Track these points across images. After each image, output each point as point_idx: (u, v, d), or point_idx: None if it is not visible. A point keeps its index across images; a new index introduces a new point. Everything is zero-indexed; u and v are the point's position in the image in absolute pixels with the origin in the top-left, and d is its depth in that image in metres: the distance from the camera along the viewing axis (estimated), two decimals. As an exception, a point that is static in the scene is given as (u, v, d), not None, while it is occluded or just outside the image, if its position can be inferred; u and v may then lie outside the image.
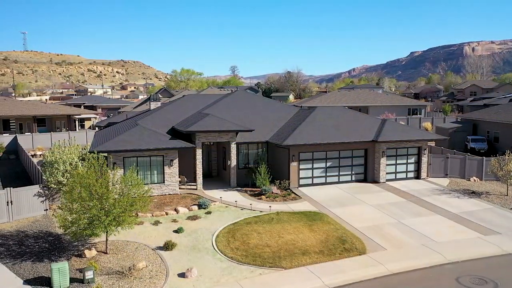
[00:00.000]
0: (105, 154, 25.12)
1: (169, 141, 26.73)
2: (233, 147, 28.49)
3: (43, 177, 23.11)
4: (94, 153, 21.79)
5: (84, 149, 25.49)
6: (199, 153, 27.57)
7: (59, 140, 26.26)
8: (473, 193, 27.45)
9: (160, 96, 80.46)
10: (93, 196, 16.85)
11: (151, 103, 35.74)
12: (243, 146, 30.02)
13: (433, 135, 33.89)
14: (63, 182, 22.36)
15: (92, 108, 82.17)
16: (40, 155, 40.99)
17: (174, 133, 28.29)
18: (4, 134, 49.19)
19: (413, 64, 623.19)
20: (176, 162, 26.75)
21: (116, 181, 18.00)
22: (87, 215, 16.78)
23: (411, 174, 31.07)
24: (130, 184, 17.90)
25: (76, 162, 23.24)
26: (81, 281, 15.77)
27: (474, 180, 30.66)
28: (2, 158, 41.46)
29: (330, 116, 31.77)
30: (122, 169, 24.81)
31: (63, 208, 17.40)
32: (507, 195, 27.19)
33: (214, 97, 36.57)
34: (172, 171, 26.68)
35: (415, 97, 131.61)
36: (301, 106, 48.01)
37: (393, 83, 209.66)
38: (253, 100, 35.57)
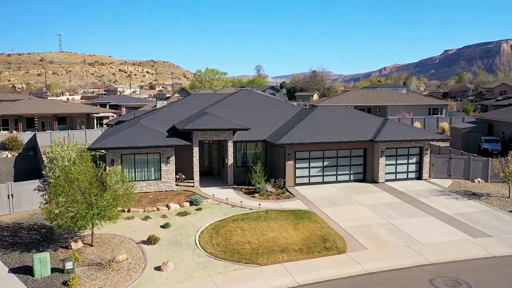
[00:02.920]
0: (103, 151, 26.20)
1: (165, 139, 27.39)
2: (230, 145, 28.86)
3: (43, 172, 24.27)
4: (92, 150, 22.71)
5: (83, 146, 26.50)
6: (195, 151, 28.11)
7: (59, 137, 27.46)
8: (473, 195, 26.72)
9: (177, 95, 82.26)
10: (76, 190, 17.65)
11: (157, 102, 36.75)
12: (242, 145, 30.34)
13: (433, 135, 33.06)
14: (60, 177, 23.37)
15: (116, 107, 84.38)
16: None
17: (175, 132, 28.92)
18: (27, 132, 51.62)
19: (447, 63, 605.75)
20: (172, 159, 27.39)
21: (100, 177, 18.74)
22: (71, 209, 17.61)
23: (412, 175, 30.50)
24: (114, 179, 18.63)
25: (74, 158, 24.23)
26: (62, 271, 16.58)
27: (479, 182, 29.79)
28: (21, 154, 43.51)
29: (330, 115, 31.60)
30: (119, 166, 25.60)
31: (50, 202, 18.29)
32: (509, 197, 26.31)
33: (219, 96, 37.10)
34: (169, 169, 27.35)
35: (444, 97, 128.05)
36: (305, 105, 47.81)
37: (424, 82, 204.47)
38: (257, 99, 35.79)
